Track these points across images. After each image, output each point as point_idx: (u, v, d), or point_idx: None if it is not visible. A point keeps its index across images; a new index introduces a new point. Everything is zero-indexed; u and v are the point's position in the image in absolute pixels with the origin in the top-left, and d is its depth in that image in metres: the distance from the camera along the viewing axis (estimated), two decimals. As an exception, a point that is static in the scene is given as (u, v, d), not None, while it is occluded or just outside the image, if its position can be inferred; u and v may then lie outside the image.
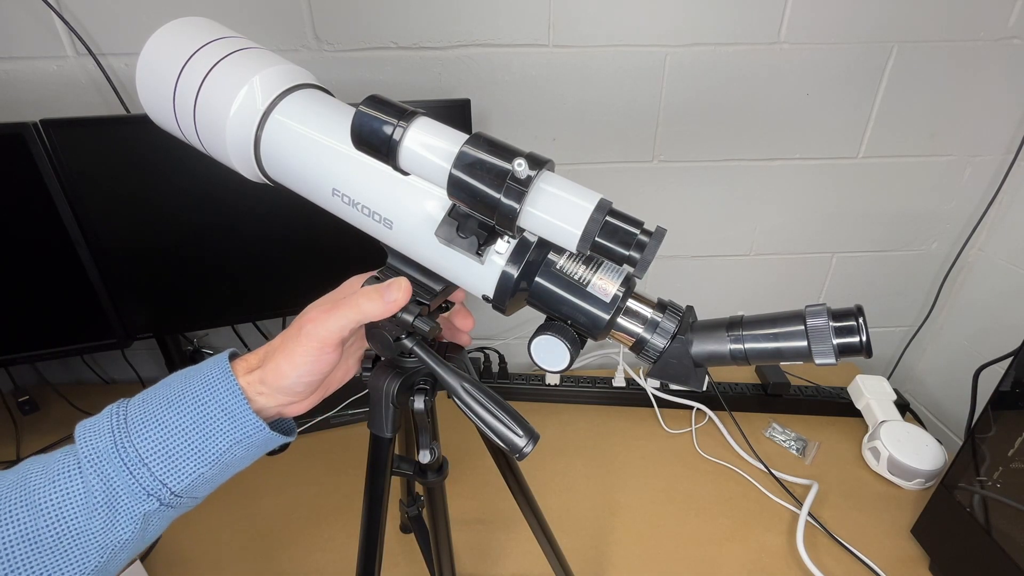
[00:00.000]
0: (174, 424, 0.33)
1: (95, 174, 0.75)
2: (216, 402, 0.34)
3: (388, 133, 0.32)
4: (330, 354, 0.36)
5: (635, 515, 0.81)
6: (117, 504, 0.32)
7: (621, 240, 0.31)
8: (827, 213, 1.04)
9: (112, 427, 0.33)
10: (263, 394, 0.36)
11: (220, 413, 0.34)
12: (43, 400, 1.01)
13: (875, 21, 0.87)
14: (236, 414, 0.34)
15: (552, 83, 0.90)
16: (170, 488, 0.33)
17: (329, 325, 0.36)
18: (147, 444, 0.33)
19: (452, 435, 0.69)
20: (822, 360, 0.32)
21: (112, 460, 0.32)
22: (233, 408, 0.34)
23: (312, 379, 0.37)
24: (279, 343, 0.37)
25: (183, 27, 0.39)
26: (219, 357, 0.36)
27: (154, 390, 0.35)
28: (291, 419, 0.41)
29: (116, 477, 0.32)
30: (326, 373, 0.38)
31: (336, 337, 0.36)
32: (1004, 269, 1.00)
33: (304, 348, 0.36)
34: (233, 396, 0.34)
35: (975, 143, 0.97)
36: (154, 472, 0.32)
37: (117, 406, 0.34)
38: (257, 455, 0.37)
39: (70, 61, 0.83)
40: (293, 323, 0.37)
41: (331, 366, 0.37)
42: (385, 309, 0.37)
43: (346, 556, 0.75)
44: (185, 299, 0.87)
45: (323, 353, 0.36)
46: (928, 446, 0.86)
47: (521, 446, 0.34)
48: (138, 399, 0.35)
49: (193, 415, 0.34)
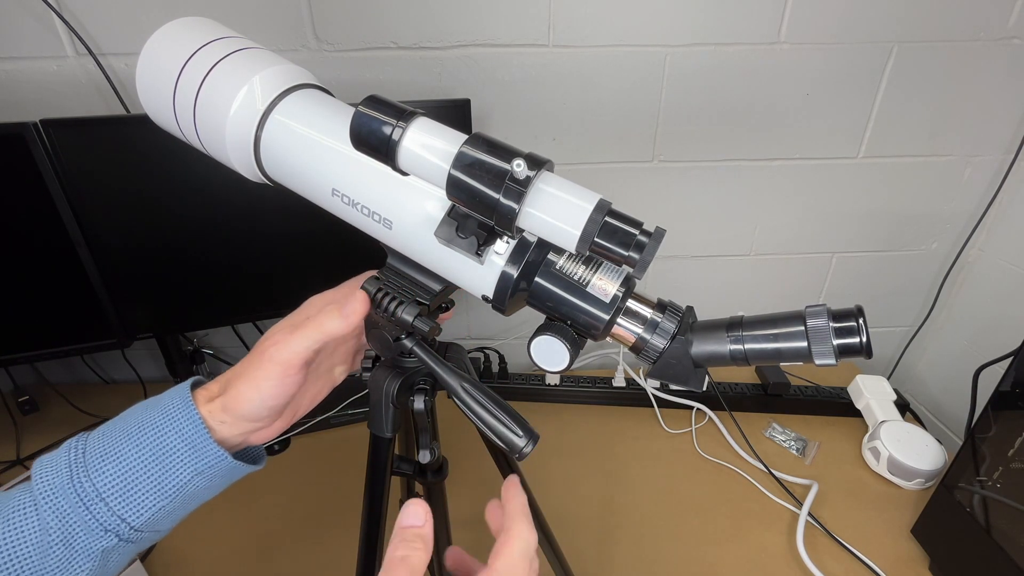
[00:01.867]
0: (132, 457, 0.32)
1: (95, 174, 0.75)
2: (176, 432, 0.33)
3: (387, 133, 0.32)
4: (294, 376, 0.36)
5: (635, 515, 0.81)
6: (74, 542, 0.31)
7: (620, 241, 0.31)
8: (827, 213, 1.04)
9: (70, 462, 0.32)
10: (226, 422, 0.35)
11: (180, 444, 0.33)
12: (43, 400, 1.01)
13: (875, 21, 0.87)
14: (197, 444, 0.33)
15: (552, 83, 0.90)
16: (129, 523, 0.32)
17: (293, 347, 0.35)
18: (105, 479, 0.32)
19: (452, 435, 0.69)
20: (822, 361, 0.32)
21: (68, 496, 0.31)
22: (194, 438, 0.33)
23: (276, 403, 0.36)
24: (241, 368, 0.36)
25: (183, 27, 0.39)
26: (180, 387, 0.36)
27: (114, 422, 0.34)
28: (259, 446, 0.40)
29: (72, 514, 0.31)
30: (291, 396, 0.37)
31: (299, 359, 0.35)
32: (1004, 269, 1.00)
33: (266, 372, 0.35)
34: (193, 426, 0.33)
35: (975, 143, 0.97)
36: (112, 507, 0.32)
37: (77, 440, 0.34)
38: (222, 486, 0.36)
39: (70, 61, 0.83)
40: (254, 348, 0.37)
41: (296, 388, 0.37)
42: (346, 324, 0.36)
43: (346, 556, 0.75)
44: (185, 299, 0.87)
45: (287, 376, 0.35)
46: (928, 446, 0.86)
47: (521, 446, 0.34)
48: (98, 432, 0.34)
49: (152, 447, 0.33)
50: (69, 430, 0.32)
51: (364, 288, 0.39)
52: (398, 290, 0.40)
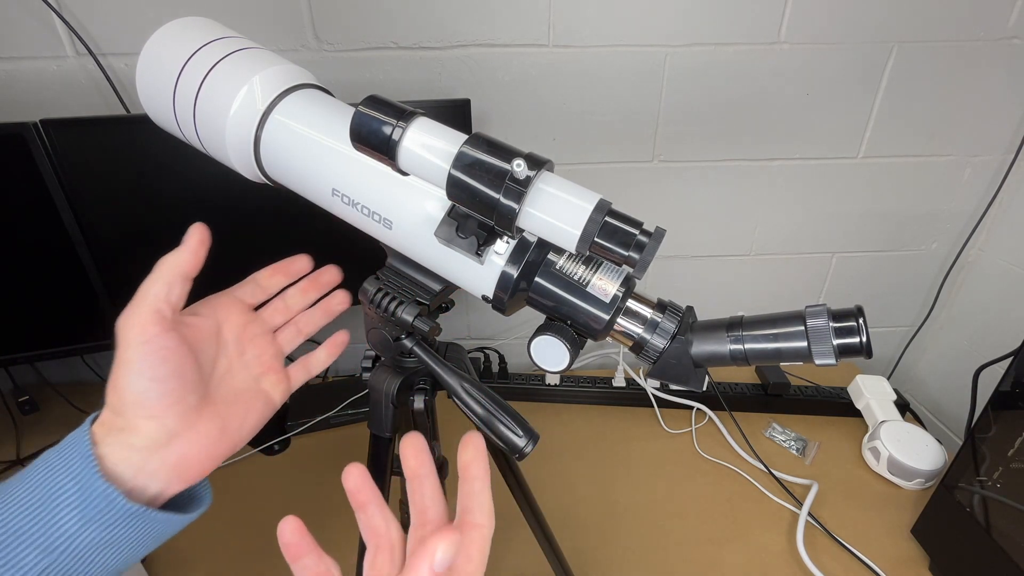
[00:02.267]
0: (17, 501, 0.26)
1: (95, 174, 0.74)
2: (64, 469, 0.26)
3: (387, 133, 0.32)
4: (163, 337, 0.30)
5: (635, 515, 0.81)
6: None
7: (620, 241, 0.31)
8: (827, 213, 1.04)
9: None
10: (123, 430, 0.29)
11: (68, 480, 0.26)
12: (43, 400, 1.01)
13: (875, 21, 0.87)
14: (83, 478, 0.26)
15: (552, 83, 0.90)
16: None
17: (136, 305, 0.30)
18: None
19: (452, 435, 0.69)
20: (822, 361, 0.32)
21: None
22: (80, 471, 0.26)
23: (167, 381, 0.30)
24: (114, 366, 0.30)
25: (183, 27, 0.39)
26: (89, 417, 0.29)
27: None
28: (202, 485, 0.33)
29: None
30: (181, 367, 0.31)
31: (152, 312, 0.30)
32: (1004, 269, 1.00)
33: (126, 343, 0.29)
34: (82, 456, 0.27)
35: (975, 143, 0.97)
36: None
37: None
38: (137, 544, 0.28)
39: (70, 61, 0.83)
40: None
41: (180, 356, 0.31)
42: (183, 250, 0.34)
43: (346, 556, 0.75)
44: (185, 299, 0.86)
45: (154, 338, 0.29)
46: (928, 446, 0.86)
47: (521, 446, 0.34)
48: None
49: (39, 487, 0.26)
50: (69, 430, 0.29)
51: (364, 287, 0.39)
52: (398, 290, 0.40)
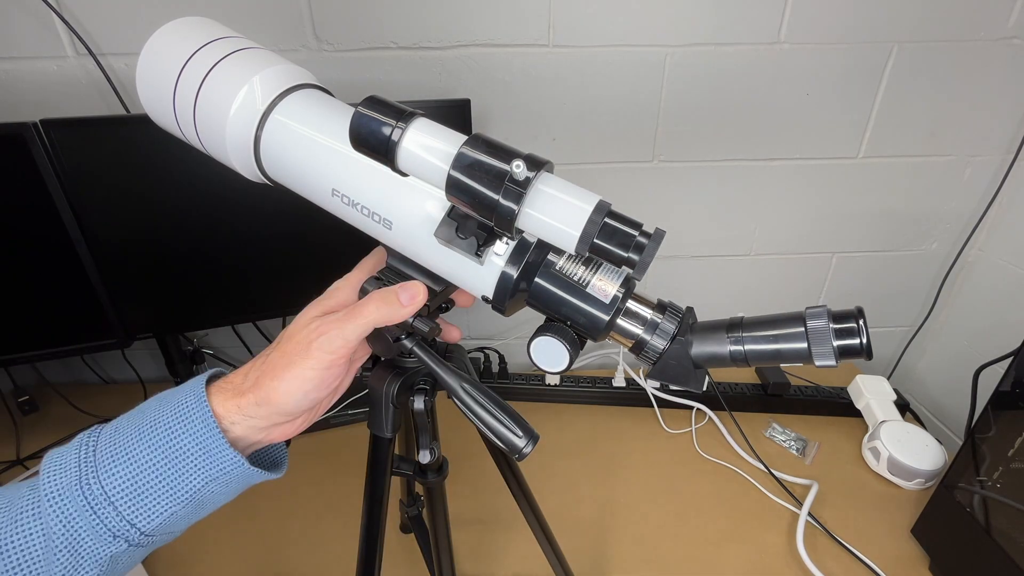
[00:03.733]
0: (144, 458, 0.30)
1: (95, 174, 0.74)
2: (189, 434, 0.31)
3: (387, 134, 0.32)
4: (340, 367, 0.35)
5: (635, 515, 0.81)
6: (79, 547, 0.29)
7: (620, 242, 0.31)
8: (827, 213, 1.04)
9: (79, 460, 0.30)
10: (252, 417, 0.33)
11: (193, 447, 0.31)
12: (43, 400, 1.01)
13: (875, 21, 0.87)
14: (210, 448, 0.31)
15: (552, 83, 0.90)
16: (139, 528, 0.30)
17: (346, 335, 0.34)
18: (114, 481, 0.30)
19: (452, 435, 0.69)
20: (822, 362, 0.32)
21: (75, 499, 0.29)
22: (207, 441, 0.31)
23: (319, 396, 0.35)
24: (281, 361, 0.34)
25: (183, 27, 0.39)
26: (196, 381, 0.33)
27: (128, 417, 0.33)
28: (282, 446, 0.38)
29: (79, 518, 0.29)
30: (332, 388, 0.36)
31: (349, 348, 0.34)
32: (1004, 269, 1.00)
33: (314, 362, 0.33)
34: (207, 428, 0.31)
35: (975, 143, 0.97)
36: (121, 512, 0.30)
37: (88, 435, 0.32)
38: (239, 490, 0.34)
39: (70, 61, 0.83)
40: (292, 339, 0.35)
41: (339, 380, 0.36)
42: (404, 313, 0.35)
43: (346, 556, 0.75)
44: (185, 299, 0.87)
45: (333, 367, 0.34)
46: (928, 446, 0.86)
47: (521, 446, 0.34)
48: (110, 427, 0.32)
49: (164, 448, 0.31)
50: (69, 430, 0.31)
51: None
52: (398, 290, 0.40)
